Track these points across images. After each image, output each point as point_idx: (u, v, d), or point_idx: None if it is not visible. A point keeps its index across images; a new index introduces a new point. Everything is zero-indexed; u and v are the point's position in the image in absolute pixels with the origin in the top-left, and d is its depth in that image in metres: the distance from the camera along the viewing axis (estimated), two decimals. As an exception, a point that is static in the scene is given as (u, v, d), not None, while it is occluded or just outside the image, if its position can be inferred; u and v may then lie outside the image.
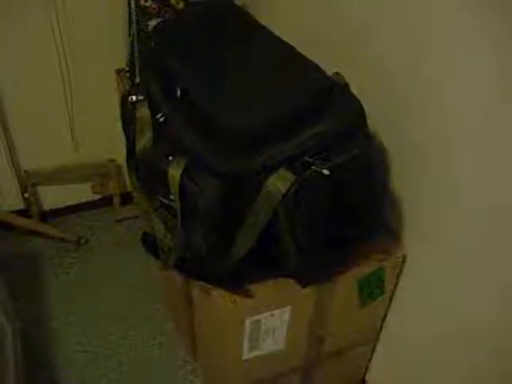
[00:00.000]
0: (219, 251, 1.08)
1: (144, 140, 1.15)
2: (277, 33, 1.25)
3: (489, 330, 1.12)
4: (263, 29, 1.28)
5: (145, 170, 1.17)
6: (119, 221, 2.26)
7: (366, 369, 1.61)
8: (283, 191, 0.97)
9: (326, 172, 0.98)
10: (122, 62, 1.89)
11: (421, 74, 1.13)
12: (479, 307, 1.13)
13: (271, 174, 0.99)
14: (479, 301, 1.13)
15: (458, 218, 1.13)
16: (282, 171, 0.98)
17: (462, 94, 1.04)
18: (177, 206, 1.06)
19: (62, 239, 2.15)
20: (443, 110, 1.09)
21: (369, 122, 1.09)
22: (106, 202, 2.28)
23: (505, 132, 0.96)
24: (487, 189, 1.03)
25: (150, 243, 1.26)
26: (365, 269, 1.27)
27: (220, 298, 1.19)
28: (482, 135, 1.01)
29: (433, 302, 1.27)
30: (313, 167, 0.98)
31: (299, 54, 1.18)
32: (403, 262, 1.32)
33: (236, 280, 1.18)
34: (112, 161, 2.16)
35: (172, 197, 1.06)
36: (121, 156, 2.11)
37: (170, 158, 1.05)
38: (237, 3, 1.53)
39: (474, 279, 1.13)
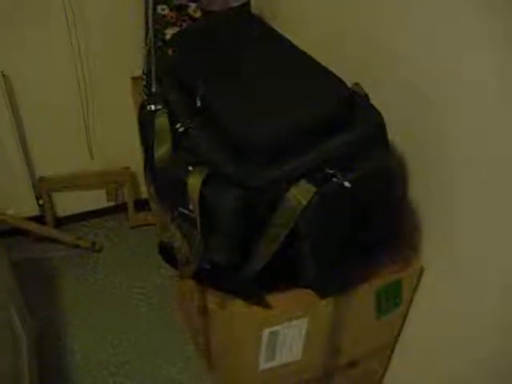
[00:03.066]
0: (238, 262, 1.07)
1: (163, 149, 1.14)
2: (295, 43, 1.25)
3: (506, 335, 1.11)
4: (282, 38, 1.28)
5: (163, 179, 1.17)
6: (133, 228, 2.26)
7: (382, 377, 1.60)
8: (304, 203, 0.97)
9: (347, 184, 0.97)
10: (138, 70, 1.90)
11: (441, 92, 1.13)
12: (496, 315, 1.12)
13: (292, 185, 0.98)
14: (495, 308, 1.12)
15: (475, 232, 1.12)
16: (303, 183, 0.98)
17: (482, 116, 1.03)
18: (196, 216, 1.05)
19: (77, 246, 2.16)
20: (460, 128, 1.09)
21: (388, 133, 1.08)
22: (121, 209, 2.29)
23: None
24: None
25: (167, 253, 1.26)
26: (382, 280, 1.26)
27: (238, 308, 1.18)
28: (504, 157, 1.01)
29: (450, 313, 1.26)
30: (334, 179, 0.98)
31: (319, 64, 1.18)
32: (421, 273, 1.31)
33: (254, 290, 1.17)
34: (127, 168, 2.17)
35: (191, 207, 1.06)
36: (135, 163, 2.14)
37: (190, 167, 1.05)
38: (254, 13, 1.54)
39: (488, 288, 1.12)
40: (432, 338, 1.34)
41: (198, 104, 1.11)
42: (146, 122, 1.23)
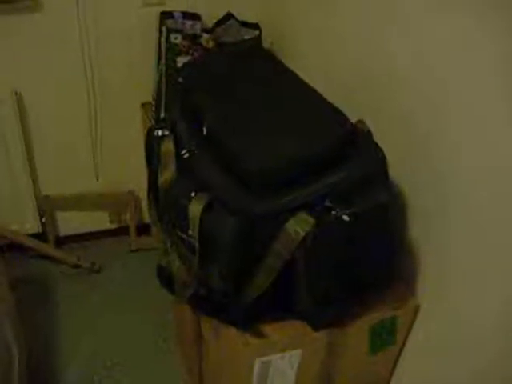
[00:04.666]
0: (235, 290, 1.08)
1: (167, 174, 1.16)
2: (302, 76, 1.28)
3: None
4: (289, 72, 1.30)
5: (165, 203, 1.18)
6: (134, 251, 2.27)
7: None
8: (303, 235, 0.98)
9: (345, 218, 0.99)
10: (147, 96, 1.93)
11: (447, 134, 1.14)
12: (493, 357, 1.12)
13: (291, 216, 1.00)
14: (493, 351, 1.12)
15: (471, 272, 1.13)
16: (303, 214, 0.99)
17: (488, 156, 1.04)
18: (195, 242, 1.06)
19: (76, 265, 2.16)
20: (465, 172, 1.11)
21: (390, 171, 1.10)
22: (122, 231, 2.30)
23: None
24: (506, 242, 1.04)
25: (165, 277, 1.27)
26: (378, 316, 1.26)
27: (231, 336, 1.19)
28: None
29: (445, 353, 1.26)
30: (333, 212, 0.99)
31: (323, 98, 1.20)
32: (416, 312, 1.31)
33: (248, 319, 1.17)
34: (131, 192, 2.18)
35: (191, 232, 1.07)
36: (140, 188, 2.16)
37: (193, 194, 1.07)
38: (265, 46, 1.57)
39: (484, 331, 1.12)
40: (427, 375, 1.33)
41: (205, 132, 1.13)
42: (152, 147, 1.25)
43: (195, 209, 1.04)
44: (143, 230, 2.27)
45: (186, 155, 1.15)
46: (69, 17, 1.78)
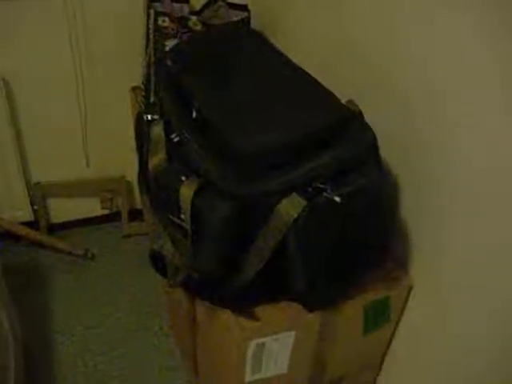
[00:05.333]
0: (227, 273, 1.08)
1: (157, 159, 1.15)
2: (292, 57, 1.27)
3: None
4: (279, 53, 1.30)
5: (157, 188, 1.18)
6: (126, 237, 2.27)
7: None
8: (294, 216, 0.98)
9: (337, 199, 0.99)
10: (137, 80, 1.91)
11: (440, 110, 1.14)
12: (485, 335, 1.13)
13: (283, 198, 0.99)
14: (485, 327, 1.13)
15: (464, 252, 1.14)
16: (294, 196, 0.99)
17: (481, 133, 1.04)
18: (187, 225, 1.06)
19: (69, 252, 2.16)
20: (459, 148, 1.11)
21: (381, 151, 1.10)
22: (115, 217, 2.29)
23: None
24: (499, 223, 1.04)
25: (157, 261, 1.27)
26: (371, 296, 1.27)
27: (225, 319, 1.19)
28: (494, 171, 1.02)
29: (438, 333, 1.27)
30: (325, 194, 0.99)
31: (314, 79, 1.19)
32: (409, 291, 1.32)
33: (242, 302, 1.18)
34: (122, 177, 2.18)
35: (183, 216, 1.07)
36: (131, 173, 2.15)
37: (183, 177, 1.06)
38: (254, 28, 1.56)
39: (477, 307, 1.13)
40: (420, 356, 1.34)
41: (194, 115, 1.13)
42: (141, 132, 1.25)
43: (186, 193, 1.03)
44: (135, 215, 2.27)
45: (176, 139, 1.14)
46: (55, 2, 1.75)
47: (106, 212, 2.29)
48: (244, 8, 1.76)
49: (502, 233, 1.02)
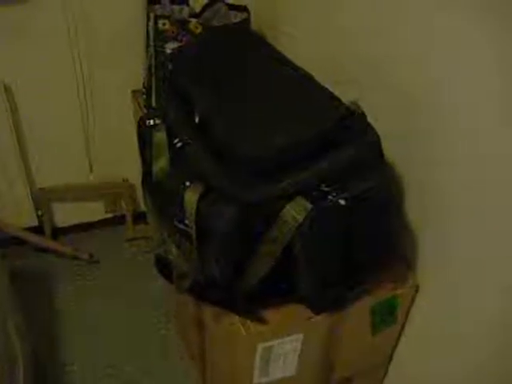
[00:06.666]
0: (233, 277, 1.08)
1: (160, 164, 1.15)
2: (292, 58, 1.26)
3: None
4: (279, 54, 1.29)
5: (160, 193, 1.18)
6: (130, 240, 2.27)
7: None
8: (300, 220, 0.97)
9: (342, 202, 0.98)
10: (138, 83, 1.91)
11: (445, 108, 1.13)
12: (493, 334, 1.12)
13: (288, 202, 0.99)
14: (493, 327, 1.12)
15: (471, 251, 1.13)
16: (299, 200, 0.99)
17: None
18: (192, 231, 1.06)
19: (74, 257, 2.16)
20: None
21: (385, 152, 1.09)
22: (118, 221, 2.29)
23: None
24: (505, 222, 1.03)
25: (163, 266, 1.27)
26: (378, 296, 1.26)
27: (232, 323, 1.19)
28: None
29: (445, 332, 1.26)
30: (329, 197, 0.99)
31: (316, 81, 1.19)
32: (416, 291, 1.31)
33: (249, 305, 1.17)
34: (125, 181, 2.18)
35: (187, 222, 1.07)
36: (134, 176, 2.15)
37: (187, 183, 1.06)
38: (254, 29, 1.55)
39: (484, 306, 1.13)
40: (427, 356, 1.34)
41: (197, 120, 1.12)
42: (144, 137, 1.24)
43: (191, 198, 1.03)
44: (139, 218, 2.26)
45: (179, 144, 1.14)
46: (55, 6, 1.75)
47: (110, 216, 2.29)
48: (244, 9, 1.76)
49: (509, 231, 1.01)
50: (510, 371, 1.10)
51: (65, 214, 2.23)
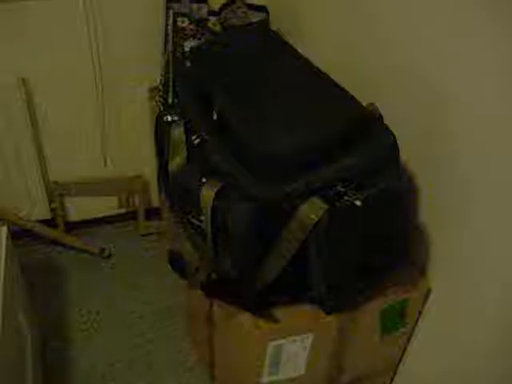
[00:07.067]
0: (247, 275, 1.09)
1: (177, 160, 1.16)
2: (311, 58, 1.27)
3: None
4: (298, 55, 1.29)
5: (177, 189, 1.18)
6: (143, 236, 2.27)
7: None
8: (315, 219, 0.98)
9: (358, 203, 0.99)
10: (154, 80, 1.92)
11: (464, 112, 1.13)
12: (503, 341, 1.12)
13: (304, 201, 1.00)
14: (502, 333, 1.12)
15: (483, 260, 1.13)
16: (315, 199, 0.99)
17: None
18: (207, 227, 1.07)
19: (85, 250, 2.17)
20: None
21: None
22: (131, 216, 2.30)
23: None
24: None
25: (176, 262, 1.27)
26: (388, 299, 1.27)
27: (244, 320, 1.19)
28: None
29: (455, 336, 1.26)
30: (345, 197, 0.99)
31: (335, 82, 1.19)
32: (427, 295, 1.31)
33: (261, 303, 1.18)
34: (139, 176, 2.18)
35: (203, 218, 1.07)
36: (148, 172, 2.15)
37: (204, 179, 1.07)
38: (273, 28, 1.55)
39: (495, 313, 1.12)
40: (436, 359, 1.34)
41: (215, 117, 1.13)
42: (162, 133, 1.25)
43: (207, 194, 1.04)
44: (152, 214, 2.27)
45: (197, 141, 1.14)
46: (75, 2, 1.76)
47: (123, 211, 2.29)
48: (263, 9, 1.76)
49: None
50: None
51: (78, 208, 2.23)
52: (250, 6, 1.79)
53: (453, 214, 1.19)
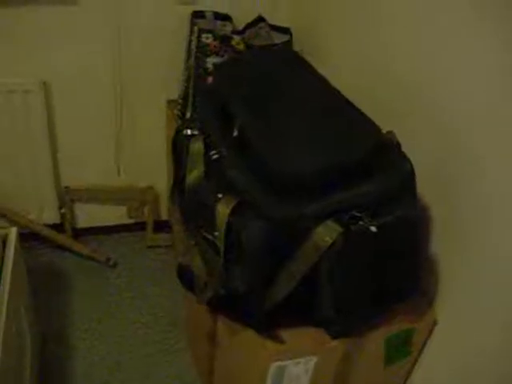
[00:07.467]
0: (257, 293, 1.08)
1: (195, 174, 1.17)
2: (332, 81, 1.28)
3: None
4: (320, 77, 1.31)
5: (191, 203, 1.19)
6: (150, 247, 2.28)
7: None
8: (329, 242, 0.98)
9: (373, 229, 0.99)
10: (173, 94, 1.93)
11: (477, 144, 1.14)
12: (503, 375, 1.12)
13: (319, 223, 1.00)
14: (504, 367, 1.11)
15: (490, 295, 1.13)
16: (330, 222, 1.00)
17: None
18: (221, 243, 1.07)
19: (91, 258, 2.17)
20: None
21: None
22: (139, 227, 2.30)
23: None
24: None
25: (185, 276, 1.27)
26: (394, 327, 1.26)
27: (248, 339, 1.19)
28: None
29: (459, 368, 1.25)
30: (360, 222, 1.00)
31: (355, 106, 1.20)
32: (433, 326, 1.31)
33: (267, 323, 1.18)
34: (151, 187, 2.19)
35: (216, 233, 1.08)
36: (159, 184, 2.16)
37: (220, 195, 1.07)
38: (296, 50, 1.57)
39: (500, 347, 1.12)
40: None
41: (235, 134, 1.14)
42: (180, 146, 1.26)
43: (223, 210, 1.04)
44: (160, 226, 2.28)
45: (215, 156, 1.15)
46: (102, 11, 1.79)
47: (132, 221, 2.30)
48: (287, 31, 1.78)
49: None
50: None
51: (87, 215, 2.25)
52: (274, 27, 1.81)
53: (463, 246, 1.19)
